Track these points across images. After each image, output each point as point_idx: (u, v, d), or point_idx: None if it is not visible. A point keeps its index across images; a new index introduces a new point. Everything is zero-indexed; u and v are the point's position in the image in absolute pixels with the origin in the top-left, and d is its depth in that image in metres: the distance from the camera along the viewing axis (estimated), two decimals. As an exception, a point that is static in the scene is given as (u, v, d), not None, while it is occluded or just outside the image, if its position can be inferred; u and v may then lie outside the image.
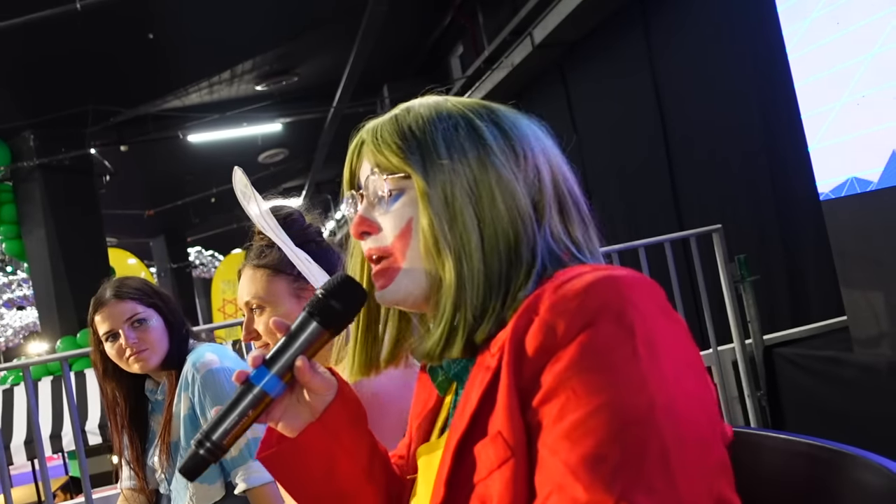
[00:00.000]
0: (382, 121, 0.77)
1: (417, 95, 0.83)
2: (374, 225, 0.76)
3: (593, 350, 0.60)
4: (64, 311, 6.98)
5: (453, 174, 0.72)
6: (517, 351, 0.64)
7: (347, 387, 0.81)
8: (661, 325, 0.62)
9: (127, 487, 1.87)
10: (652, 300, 0.63)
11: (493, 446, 0.64)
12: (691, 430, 0.58)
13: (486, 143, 0.73)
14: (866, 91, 2.57)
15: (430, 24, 8.01)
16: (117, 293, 1.77)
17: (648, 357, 0.59)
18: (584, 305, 0.61)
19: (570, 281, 0.64)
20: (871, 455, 0.67)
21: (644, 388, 0.58)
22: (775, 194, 4.20)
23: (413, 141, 0.74)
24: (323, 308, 0.75)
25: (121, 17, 5.48)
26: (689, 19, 4.71)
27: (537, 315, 0.63)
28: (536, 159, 0.75)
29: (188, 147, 8.37)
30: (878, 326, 2.69)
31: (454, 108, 0.76)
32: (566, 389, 0.60)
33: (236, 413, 0.73)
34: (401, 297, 0.75)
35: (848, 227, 2.74)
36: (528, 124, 0.78)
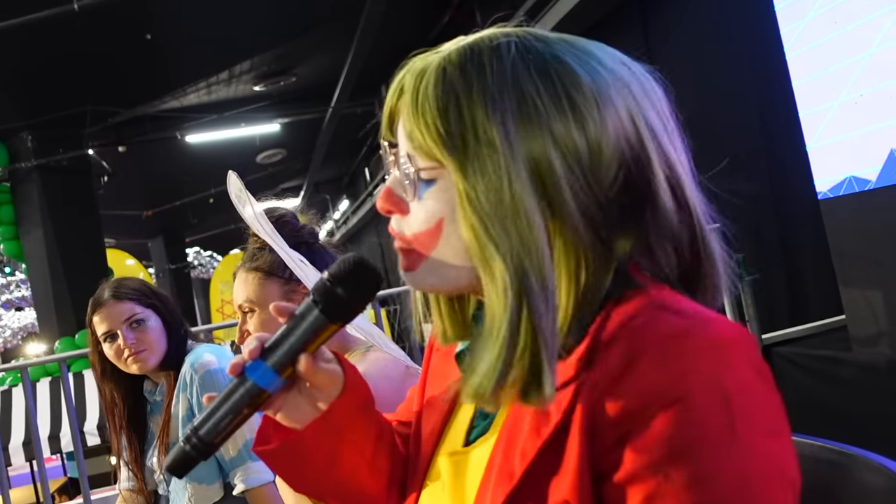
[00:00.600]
0: (429, 72, 0.61)
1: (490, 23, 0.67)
2: (401, 204, 0.65)
3: (687, 429, 0.52)
4: (62, 312, 6.97)
5: (511, 168, 0.57)
6: (592, 414, 0.55)
7: (354, 374, 0.73)
8: (759, 395, 0.55)
9: (125, 488, 1.87)
10: (749, 363, 0.55)
11: None
12: None
13: (552, 126, 0.57)
14: (864, 90, 2.57)
15: (428, 23, 8.00)
16: (116, 294, 1.77)
17: (747, 440, 0.52)
18: (679, 372, 0.53)
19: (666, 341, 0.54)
20: (874, 455, 0.67)
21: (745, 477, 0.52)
22: (773, 193, 4.20)
23: (457, 122, 0.58)
24: (327, 296, 0.65)
25: (119, 17, 5.47)
26: (687, 18, 4.71)
27: (622, 375, 0.54)
28: (621, 142, 0.59)
29: (186, 147, 8.36)
30: (876, 325, 2.69)
31: (522, 66, 0.59)
32: (657, 475, 0.52)
33: (228, 408, 0.65)
34: (427, 287, 0.66)
35: (846, 226, 2.75)
36: (623, 90, 0.60)
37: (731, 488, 0.51)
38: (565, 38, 0.63)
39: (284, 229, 1.33)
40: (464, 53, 0.61)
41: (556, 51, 0.60)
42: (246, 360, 0.66)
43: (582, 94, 0.58)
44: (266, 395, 0.66)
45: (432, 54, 0.63)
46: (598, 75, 0.60)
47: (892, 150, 2.49)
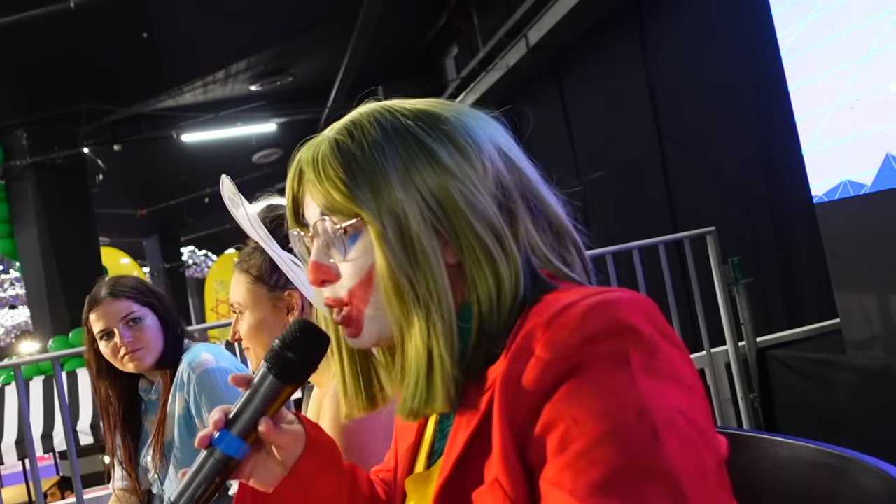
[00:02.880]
0: (321, 146, 0.69)
1: (357, 103, 0.74)
2: (331, 272, 0.70)
3: (591, 378, 0.58)
4: (56, 310, 6.95)
5: (410, 205, 0.65)
6: (511, 392, 0.60)
7: (317, 431, 0.77)
8: (658, 348, 0.60)
9: (119, 488, 1.86)
10: (647, 321, 0.60)
11: (490, 494, 0.61)
12: (694, 453, 0.57)
13: (443, 162, 0.66)
14: (860, 94, 2.57)
15: (424, 25, 8.01)
16: (112, 292, 1.76)
17: (646, 380, 0.57)
18: (580, 338, 0.58)
19: (563, 313, 0.60)
20: (870, 459, 0.67)
21: (646, 415, 0.56)
22: (769, 197, 4.22)
23: (360, 174, 0.66)
24: (279, 361, 0.69)
25: (115, 15, 5.46)
26: (684, 22, 4.72)
27: (533, 355, 0.60)
28: (497, 167, 0.68)
29: (182, 147, 8.34)
30: (870, 329, 2.70)
31: (401, 125, 0.68)
32: (565, 418, 0.57)
33: (201, 479, 0.69)
34: (374, 340, 0.71)
35: (841, 230, 2.75)
36: (482, 126, 0.71)
37: (632, 419, 0.56)
38: (427, 99, 0.73)
39: (281, 230, 1.32)
40: (346, 125, 0.70)
41: (421, 105, 0.71)
42: (212, 431, 0.70)
43: (453, 128, 0.68)
44: (234, 462, 0.70)
45: (315, 138, 0.72)
46: (459, 115, 0.70)
47: (888, 155, 2.50)
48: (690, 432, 0.57)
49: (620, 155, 5.67)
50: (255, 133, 8.55)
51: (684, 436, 0.57)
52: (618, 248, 3.15)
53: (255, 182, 10.69)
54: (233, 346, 3.59)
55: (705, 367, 3.22)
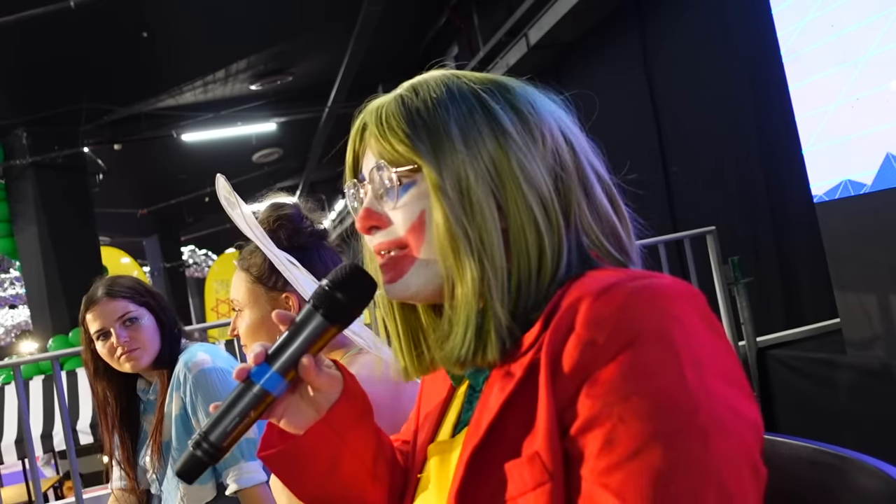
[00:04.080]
0: (387, 102, 0.71)
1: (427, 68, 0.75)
2: (383, 218, 0.70)
3: (637, 373, 0.55)
4: (56, 309, 6.96)
5: (469, 163, 0.66)
6: (553, 367, 0.59)
7: (354, 382, 0.77)
8: (706, 341, 0.58)
9: (118, 488, 1.85)
10: (695, 312, 0.59)
11: (528, 467, 0.59)
12: (745, 455, 0.56)
13: (504, 127, 0.67)
14: (860, 94, 2.57)
15: (425, 25, 8.00)
16: (109, 291, 1.76)
17: (696, 380, 0.55)
18: (624, 321, 0.57)
19: (608, 292, 0.59)
20: (870, 459, 0.67)
21: (696, 416, 0.54)
22: (769, 196, 4.21)
23: (423, 128, 0.67)
24: (328, 300, 0.69)
25: (115, 15, 5.45)
26: (684, 21, 4.71)
27: (573, 330, 0.58)
28: (556, 142, 0.69)
29: (182, 146, 8.35)
30: (871, 329, 2.70)
31: (466, 88, 0.70)
32: (611, 416, 0.55)
33: (236, 413, 0.68)
34: (411, 292, 0.70)
35: (841, 230, 2.75)
36: (546, 102, 0.72)
37: (682, 421, 0.54)
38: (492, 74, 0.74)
39: (281, 232, 1.32)
40: (414, 85, 0.72)
41: (488, 75, 0.72)
42: (251, 365, 0.69)
43: (517, 99, 0.70)
44: (271, 397, 0.69)
45: (384, 96, 0.73)
46: (524, 88, 0.72)
47: (888, 154, 2.49)
48: (741, 430, 0.56)
49: (620, 154, 5.65)
50: (255, 132, 8.55)
51: (735, 435, 0.55)
52: (618, 247, 3.15)
53: (255, 181, 10.73)
54: (233, 346, 3.59)
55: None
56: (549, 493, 0.58)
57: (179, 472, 0.69)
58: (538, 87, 0.74)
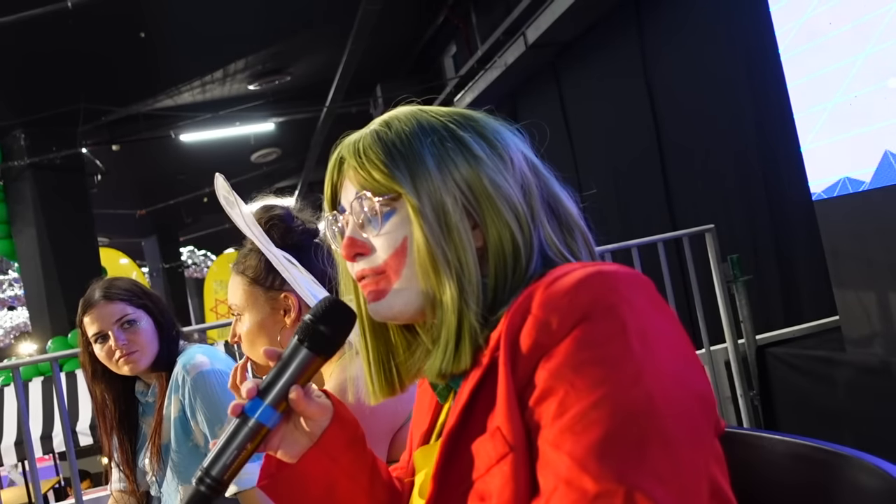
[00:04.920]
0: (363, 137, 0.76)
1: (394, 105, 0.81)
2: (366, 246, 0.75)
3: (587, 344, 0.60)
4: (55, 311, 6.95)
5: (444, 187, 0.71)
6: (512, 349, 0.64)
7: (344, 408, 0.81)
8: (653, 318, 0.63)
9: (117, 490, 1.85)
10: (643, 294, 0.63)
11: (491, 442, 0.64)
12: (689, 419, 0.60)
13: (474, 151, 0.73)
14: (859, 91, 2.57)
15: (422, 24, 8.00)
16: (107, 294, 1.75)
17: (642, 349, 0.60)
18: (575, 301, 0.62)
19: (561, 278, 0.64)
20: (868, 456, 0.67)
21: (641, 380, 0.59)
22: (768, 194, 4.21)
23: (399, 157, 0.72)
24: (312, 334, 0.74)
25: (112, 15, 5.45)
26: (682, 19, 4.72)
27: (530, 313, 0.63)
28: (521, 165, 0.75)
29: (180, 146, 8.34)
30: (870, 326, 2.70)
31: (435, 120, 0.75)
32: (564, 384, 0.60)
33: (234, 447, 0.72)
34: (395, 312, 0.75)
35: (840, 228, 2.75)
36: (507, 130, 0.78)
37: (627, 384, 0.58)
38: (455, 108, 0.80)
39: (274, 232, 1.32)
40: (384, 121, 0.76)
41: (452, 109, 0.78)
42: (244, 401, 0.74)
43: (483, 127, 0.76)
44: (266, 430, 0.73)
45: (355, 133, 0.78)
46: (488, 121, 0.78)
47: (887, 152, 2.49)
48: (686, 398, 0.60)
49: (619, 153, 5.67)
50: (253, 132, 8.54)
51: (680, 401, 0.59)
52: (617, 246, 3.15)
53: (253, 181, 10.72)
54: (232, 347, 3.59)
55: (705, 365, 3.20)
56: (512, 462, 0.62)
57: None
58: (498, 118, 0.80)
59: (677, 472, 0.57)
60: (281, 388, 0.74)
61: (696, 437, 0.60)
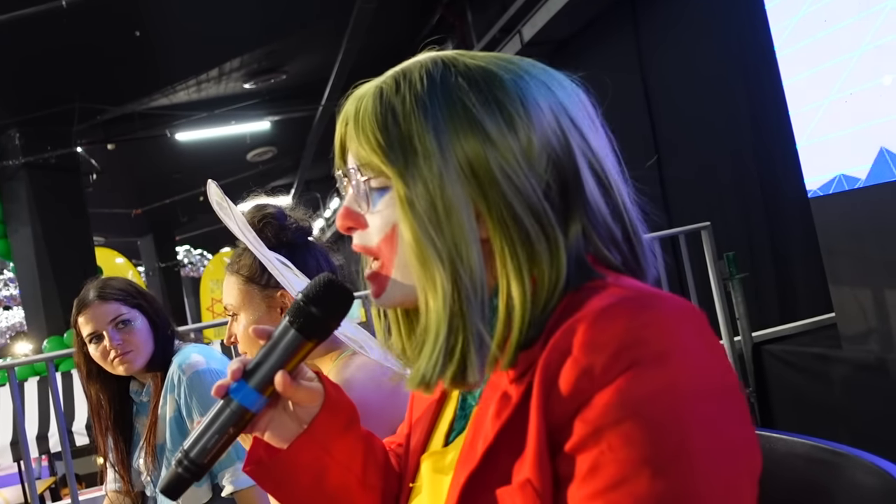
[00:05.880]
0: (367, 96, 0.66)
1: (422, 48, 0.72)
2: (360, 219, 0.68)
3: (631, 398, 0.54)
4: (50, 310, 6.93)
5: (444, 170, 0.61)
6: (546, 392, 0.57)
7: (337, 391, 0.76)
8: (705, 363, 0.56)
9: (112, 490, 1.85)
10: (696, 334, 0.56)
11: (521, 494, 0.57)
12: (735, 484, 0.54)
13: (486, 129, 0.62)
14: (854, 88, 2.57)
15: (418, 22, 7.99)
16: (101, 294, 1.74)
17: (689, 406, 0.54)
18: (623, 346, 0.54)
19: (607, 313, 0.56)
20: (865, 454, 0.67)
21: (685, 445, 0.52)
22: (763, 191, 4.22)
23: (395, 134, 0.63)
24: (302, 315, 0.68)
25: (107, 14, 5.43)
26: (678, 17, 4.72)
27: (570, 354, 0.56)
28: (550, 142, 0.63)
29: (176, 145, 8.32)
30: (865, 323, 2.70)
31: (452, 81, 0.64)
32: (600, 442, 0.54)
33: (216, 429, 0.68)
34: (397, 302, 0.69)
35: (836, 225, 2.75)
36: (545, 94, 0.65)
37: (670, 450, 0.52)
38: (494, 53, 0.69)
39: (268, 230, 1.32)
40: (397, 75, 0.67)
41: (481, 62, 0.66)
42: (229, 382, 0.69)
43: (506, 95, 0.63)
44: (250, 414, 0.69)
45: (370, 81, 0.69)
46: (520, 79, 0.65)
47: (882, 149, 2.50)
48: (733, 470, 0.54)
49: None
50: (249, 131, 8.52)
51: (724, 464, 0.54)
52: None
53: (249, 180, 10.70)
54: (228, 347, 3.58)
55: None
56: None
57: (163, 489, 0.69)
58: (543, 72, 0.68)
59: None
60: (267, 372, 0.69)
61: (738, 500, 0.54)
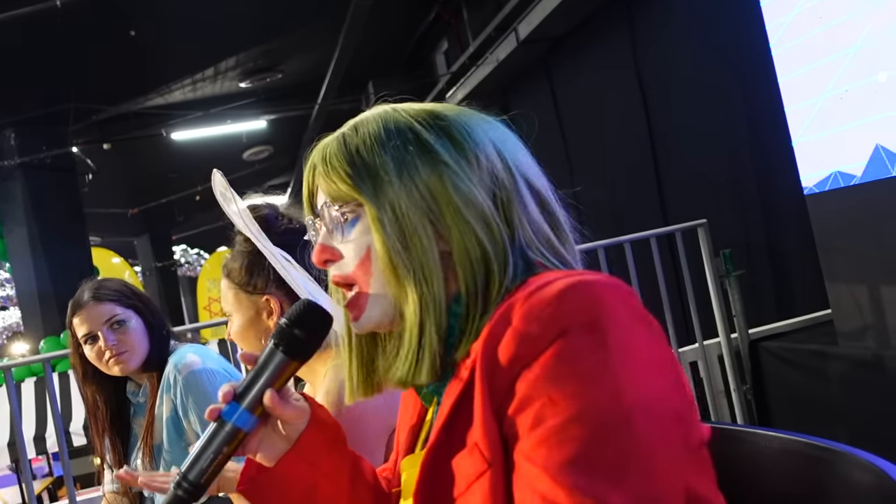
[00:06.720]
0: (330, 143, 0.76)
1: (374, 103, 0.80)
2: (335, 253, 0.76)
3: (567, 358, 0.59)
4: (47, 311, 6.91)
5: (405, 194, 0.70)
6: (490, 362, 0.63)
7: (322, 411, 0.81)
8: (634, 332, 0.62)
9: (110, 491, 1.84)
10: (625, 304, 0.62)
11: (470, 458, 0.64)
12: (666, 434, 0.59)
13: (437, 155, 0.71)
14: (849, 85, 2.58)
15: (414, 20, 7.98)
16: (96, 295, 1.74)
17: (621, 363, 0.59)
18: (556, 313, 0.61)
19: (542, 288, 0.63)
20: (861, 452, 0.67)
21: (619, 395, 0.58)
22: (759, 188, 4.22)
23: (362, 166, 0.72)
24: (286, 337, 0.74)
25: (102, 13, 5.42)
26: (673, 14, 4.72)
27: (510, 325, 0.62)
28: (493, 164, 0.73)
29: (172, 145, 8.30)
30: (862, 320, 2.71)
31: (402, 121, 0.74)
32: (541, 396, 0.59)
33: (211, 451, 0.73)
34: (374, 324, 0.75)
35: (832, 221, 2.76)
36: (483, 125, 0.76)
37: (606, 401, 0.58)
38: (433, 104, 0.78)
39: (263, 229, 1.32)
40: (355, 123, 0.76)
41: (424, 106, 0.77)
42: (221, 405, 0.74)
43: (452, 125, 0.73)
44: (242, 434, 0.74)
45: (327, 137, 0.78)
46: (461, 114, 0.75)
47: (878, 146, 2.50)
48: (663, 416, 0.59)
49: (611, 148, 5.67)
50: (245, 130, 8.50)
51: (657, 419, 0.59)
52: (609, 241, 3.16)
53: (245, 179, 10.68)
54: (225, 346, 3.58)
55: (698, 360, 3.22)
56: (490, 479, 0.62)
57: None
58: (478, 110, 0.78)
59: (652, 490, 0.56)
60: (256, 393, 0.74)
61: (673, 453, 0.59)
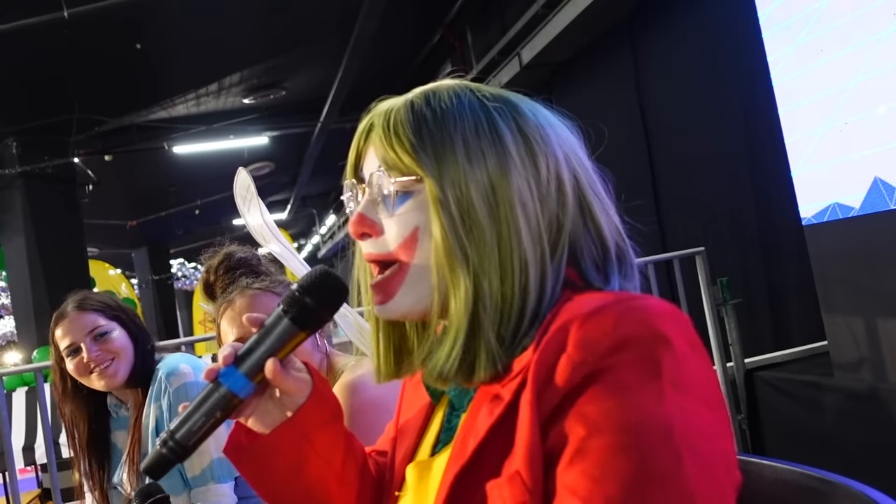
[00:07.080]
0: (397, 107, 0.69)
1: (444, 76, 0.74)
2: (375, 226, 0.69)
3: (618, 388, 0.56)
4: (41, 321, 6.88)
5: (470, 180, 0.64)
6: (542, 388, 0.59)
7: (324, 385, 0.77)
8: (689, 363, 0.58)
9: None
10: (681, 334, 0.59)
11: (509, 487, 0.59)
12: (715, 478, 0.56)
13: (507, 149, 0.66)
14: (849, 118, 2.59)
15: (419, 42, 8.04)
16: (79, 305, 1.70)
17: (674, 398, 0.56)
18: (613, 342, 0.57)
19: (598, 314, 0.59)
20: (856, 483, 0.66)
21: (671, 434, 0.55)
22: (758, 218, 4.23)
23: (428, 139, 0.66)
24: (297, 305, 0.69)
25: (108, 26, 5.45)
26: (675, 43, 4.75)
27: (565, 352, 0.58)
28: (559, 168, 0.68)
29: (173, 158, 8.33)
30: (858, 351, 2.70)
31: (477, 102, 0.68)
32: (589, 425, 0.56)
33: (203, 413, 0.69)
34: (402, 312, 0.69)
35: (830, 253, 2.76)
36: (557, 130, 0.71)
37: (656, 438, 0.54)
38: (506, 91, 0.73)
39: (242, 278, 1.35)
40: (426, 92, 0.70)
41: (502, 92, 0.71)
42: (220, 366, 0.70)
43: (528, 125, 0.68)
44: (238, 399, 0.70)
45: (395, 98, 0.72)
46: (537, 112, 0.71)
47: (876, 178, 2.51)
48: (713, 456, 0.56)
49: (611, 173, 5.68)
50: (247, 146, 8.54)
51: (707, 460, 0.55)
52: (607, 266, 3.15)
53: (246, 195, 10.68)
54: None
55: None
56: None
57: (146, 468, 0.69)
58: (549, 111, 0.73)
59: None
60: (258, 359, 0.70)
61: (721, 497, 0.56)
